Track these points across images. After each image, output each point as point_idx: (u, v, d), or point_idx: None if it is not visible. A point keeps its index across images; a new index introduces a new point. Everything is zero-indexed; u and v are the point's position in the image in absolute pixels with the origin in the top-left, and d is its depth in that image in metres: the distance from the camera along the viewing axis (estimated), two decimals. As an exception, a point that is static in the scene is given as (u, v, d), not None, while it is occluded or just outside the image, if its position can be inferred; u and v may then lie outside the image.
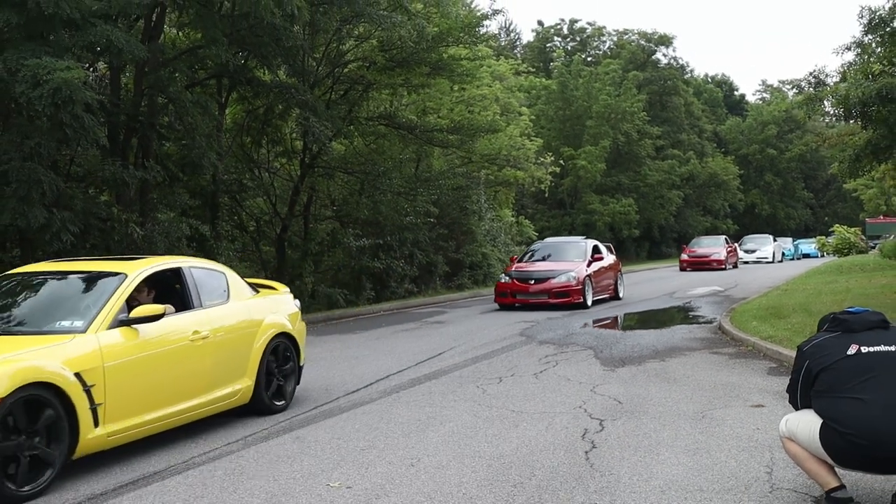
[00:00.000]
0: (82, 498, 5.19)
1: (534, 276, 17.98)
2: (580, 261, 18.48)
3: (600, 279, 18.83)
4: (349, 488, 5.21)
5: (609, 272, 19.61)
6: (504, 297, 17.97)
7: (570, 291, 17.43)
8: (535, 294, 17.59)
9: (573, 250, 19.42)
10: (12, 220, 12.52)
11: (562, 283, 17.55)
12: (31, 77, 10.68)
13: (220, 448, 6.35)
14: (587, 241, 19.99)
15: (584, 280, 17.68)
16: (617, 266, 20.38)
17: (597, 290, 18.49)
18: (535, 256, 19.99)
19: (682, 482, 5.18)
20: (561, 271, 17.83)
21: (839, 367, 4.55)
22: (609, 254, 20.43)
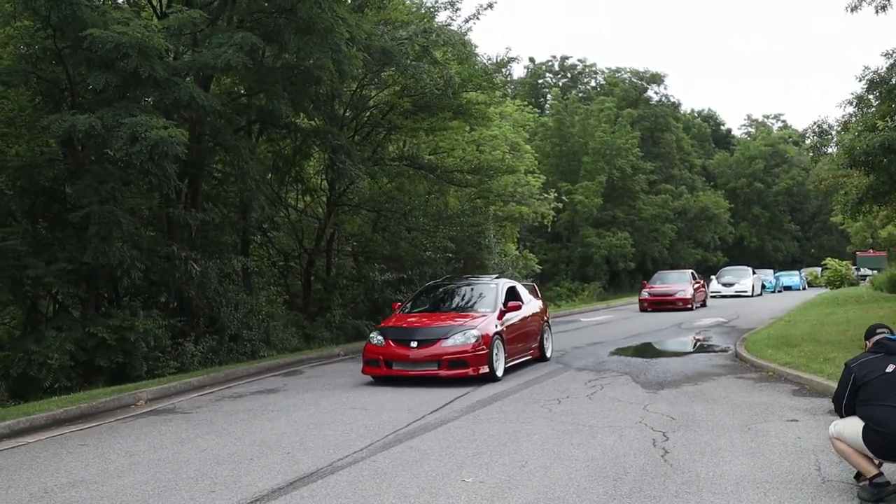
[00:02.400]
0: (259, 495, 6.39)
1: (417, 336, 12.36)
2: (488, 311, 13.15)
3: (517, 335, 13.57)
4: (482, 483, 6.45)
5: (531, 324, 14.46)
6: (374, 367, 12.41)
7: (468, 358, 11.93)
8: (418, 363, 12.07)
9: (479, 295, 14.06)
10: (94, 259, 13.72)
11: (457, 346, 12.00)
12: (129, 134, 11.91)
13: (350, 456, 7.55)
14: (499, 283, 14.40)
15: (491, 339, 12.25)
16: (542, 315, 15.33)
17: (512, 351, 13.24)
18: (426, 304, 14.35)
19: (750, 477, 6.44)
20: (457, 328, 12.32)
21: (879, 382, 5.85)
22: (532, 297, 15.49)
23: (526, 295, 15.07)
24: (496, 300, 13.57)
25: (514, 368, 13.48)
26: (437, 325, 12.66)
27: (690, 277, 31.70)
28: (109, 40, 11.97)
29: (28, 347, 13.42)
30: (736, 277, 41.08)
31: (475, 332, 12.18)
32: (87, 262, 14.08)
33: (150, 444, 8.36)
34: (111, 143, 12.28)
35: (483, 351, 12.08)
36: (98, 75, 12.36)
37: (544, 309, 15.87)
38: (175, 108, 13.60)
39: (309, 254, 22.48)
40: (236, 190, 18.87)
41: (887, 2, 12.73)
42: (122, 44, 12.02)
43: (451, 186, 26.12)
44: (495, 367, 12.31)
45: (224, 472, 7.03)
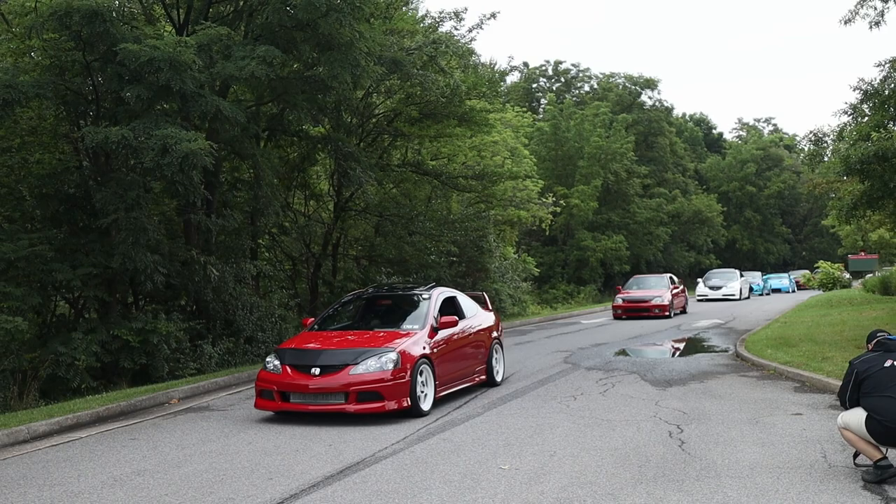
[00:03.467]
0: (314, 481, 6.96)
1: (320, 361, 9.91)
2: (415, 328, 10.71)
3: (454, 357, 11.07)
4: (517, 469, 7.04)
5: (474, 343, 11.87)
6: (268, 400, 9.94)
7: (383, 389, 9.51)
8: (319, 395, 9.63)
9: (408, 308, 11.63)
10: (122, 264, 14.27)
11: (369, 373, 9.58)
12: (160, 146, 12.47)
13: (389, 447, 8.14)
14: (434, 293, 11.65)
15: (415, 364, 9.88)
16: (492, 330, 12.66)
17: (447, 377, 10.75)
18: (342, 319, 12.09)
19: (763, 463, 7.05)
20: (371, 351, 9.85)
21: (879, 375, 6.47)
22: (480, 309, 12.84)
23: (470, 306, 12.50)
24: (427, 314, 10.95)
25: (466, 392, 11.51)
26: (347, 347, 10.08)
27: (669, 282, 29.43)
28: (143, 55, 12.53)
29: (56, 349, 13.94)
30: (723, 280, 40.45)
31: (393, 356, 9.68)
32: (112, 266, 14.64)
33: (198, 437, 8.93)
34: (142, 153, 12.82)
35: (403, 379, 9.58)
36: (131, 88, 12.91)
37: (496, 323, 13.05)
38: (202, 120, 14.14)
39: (316, 258, 23.05)
40: (244, 195, 19.45)
41: (881, 18, 13.44)
42: (155, 58, 12.57)
43: (453, 191, 26.76)
44: (419, 399, 9.78)
45: (275, 461, 7.60)
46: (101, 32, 12.88)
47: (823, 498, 5.99)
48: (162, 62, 12.63)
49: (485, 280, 29.26)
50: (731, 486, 6.34)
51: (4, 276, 13.82)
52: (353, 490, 6.56)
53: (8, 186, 15.41)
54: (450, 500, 6.20)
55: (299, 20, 14.50)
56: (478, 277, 28.83)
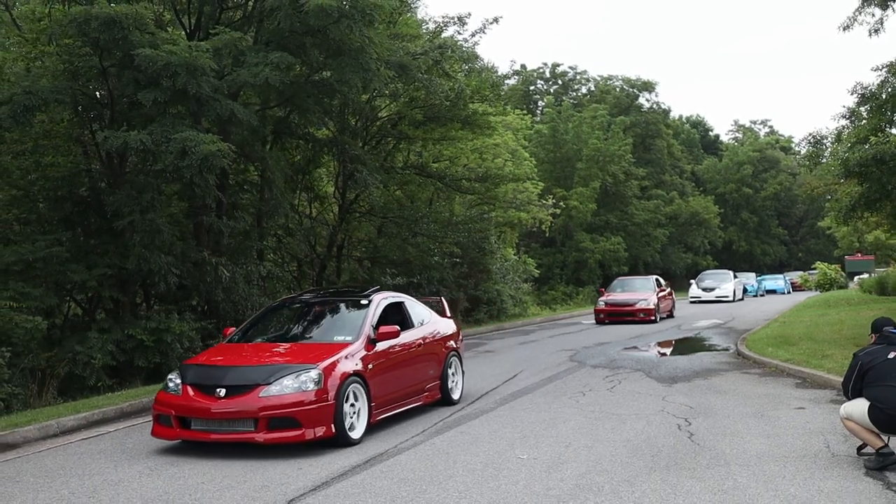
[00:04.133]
0: (344, 469, 7.29)
1: (227, 379, 8.37)
2: (349, 339, 9.15)
3: (397, 373, 9.60)
4: (535, 459, 7.39)
5: (424, 356, 10.36)
6: (165, 427, 8.40)
7: (300, 414, 8.03)
8: (223, 421, 8.10)
9: (342, 317, 10.05)
10: (137, 266, 14.59)
11: (284, 395, 8.07)
12: (178, 149, 12.80)
13: (410, 439, 8.48)
14: (375, 298, 10.06)
15: (342, 384, 8.36)
16: (448, 341, 11.14)
17: (387, 396, 9.28)
18: (267, 329, 10.18)
19: (769, 453, 7.40)
20: (288, 368, 8.39)
21: (882, 366, 6.82)
22: (435, 317, 11.26)
23: (422, 313, 10.96)
24: (363, 324, 9.37)
25: (421, 411, 10.10)
26: (261, 364, 8.61)
27: (655, 285, 27.82)
28: (160, 59, 12.85)
29: (73, 348, 14.25)
30: (716, 282, 39.99)
31: (314, 374, 8.15)
32: (126, 268, 14.96)
33: (223, 431, 9.25)
34: (160, 156, 13.14)
35: (325, 402, 8.06)
36: (147, 92, 13.23)
37: (455, 332, 11.55)
38: (217, 123, 14.46)
39: (321, 259, 23.39)
40: (249, 197, 19.78)
41: (880, 25, 13.81)
42: (172, 63, 12.90)
43: (456, 193, 27.11)
44: (346, 426, 8.24)
45: (301, 452, 7.93)
46: (119, 38, 13.18)
47: (828, 484, 6.33)
48: (179, 67, 12.94)
49: (486, 281, 29.62)
50: (741, 474, 6.69)
51: (23, 277, 14.14)
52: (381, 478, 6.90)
53: (24, 189, 15.69)
54: (475, 486, 6.53)
55: (310, 26, 14.84)
56: (480, 278, 29.19)
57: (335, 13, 13.99)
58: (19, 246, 14.20)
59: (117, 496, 6.63)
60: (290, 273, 23.58)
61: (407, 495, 6.35)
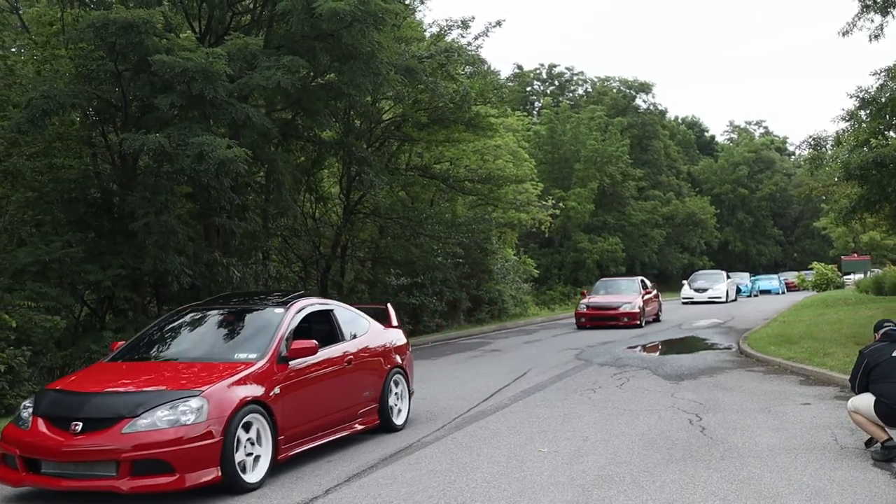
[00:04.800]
0: (372, 463, 7.58)
1: (86, 410, 6.69)
2: (252, 357, 7.48)
3: (318, 398, 7.99)
4: (556, 452, 7.68)
5: (356, 373, 8.73)
6: (10, 469, 6.78)
7: (174, 455, 6.38)
8: (80, 464, 6.49)
9: (249, 329, 8.27)
10: (153, 266, 14.85)
11: (156, 430, 6.44)
12: (196, 153, 13.07)
13: (430, 434, 8.78)
14: (292, 307, 8.34)
15: (233, 416, 6.73)
16: (391, 356, 9.51)
17: (302, 428, 7.63)
18: (158, 344, 8.37)
19: (780, 446, 7.71)
20: (166, 395, 6.74)
21: (886, 364, 7.14)
22: (376, 328, 9.57)
23: (357, 324, 9.27)
24: (273, 338, 7.67)
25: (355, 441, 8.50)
26: (131, 390, 6.89)
27: (640, 286, 26.44)
28: (177, 66, 13.12)
29: (88, 346, 14.52)
30: (709, 282, 39.35)
31: (196, 403, 6.56)
32: (139, 268, 15.22)
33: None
34: (177, 159, 13.41)
35: (211, 438, 6.49)
36: (165, 97, 13.50)
37: (402, 346, 9.94)
38: (231, 127, 14.73)
39: (326, 259, 23.67)
40: (255, 198, 20.05)
41: (881, 31, 14.14)
42: (189, 69, 13.17)
43: (459, 195, 27.41)
44: (237, 468, 6.66)
45: (327, 447, 8.20)
46: (136, 43, 13.45)
47: (838, 474, 6.64)
48: (196, 72, 13.22)
49: (488, 281, 29.95)
50: (754, 465, 6.99)
51: (40, 277, 14.41)
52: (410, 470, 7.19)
53: (38, 191, 15.93)
54: (501, 477, 6.83)
55: (322, 30, 15.12)
56: (481, 279, 29.51)
57: (348, 17, 14.26)
58: (35, 247, 14.47)
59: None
60: (295, 274, 23.87)
61: (438, 485, 6.64)
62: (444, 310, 26.63)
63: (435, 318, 25.91)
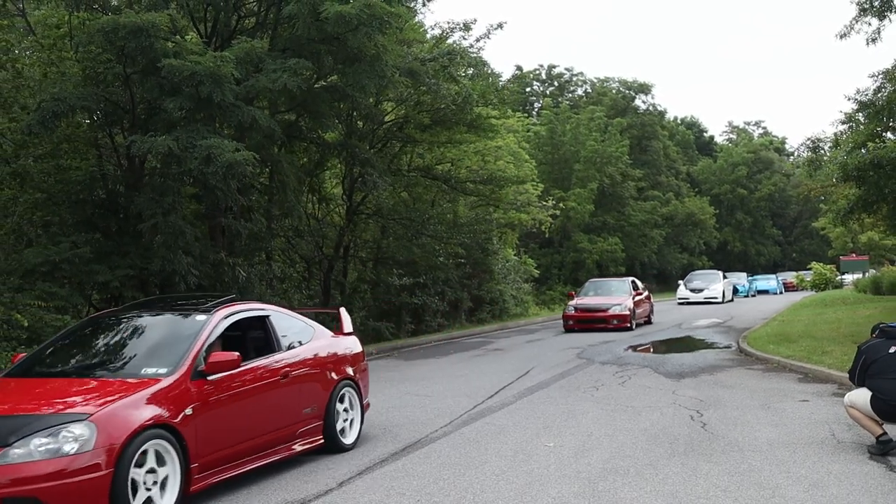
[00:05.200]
0: (384, 456, 7.80)
1: None
2: (161, 373, 6.52)
3: (241, 417, 6.98)
4: (562, 446, 7.91)
5: (295, 386, 7.76)
6: None
7: (52, 494, 5.36)
8: None
9: (164, 340, 7.14)
10: (161, 266, 15.07)
11: (33, 464, 5.43)
12: (203, 155, 13.28)
13: (439, 430, 8.99)
14: (215, 313, 7.37)
15: (131, 441, 5.76)
16: (340, 366, 8.55)
17: (223, 453, 6.69)
18: (62, 357, 7.32)
19: (778, 440, 7.93)
20: (42, 422, 5.70)
21: (883, 360, 7.37)
22: (322, 335, 8.63)
23: (300, 331, 8.31)
24: (189, 350, 6.76)
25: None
26: (7, 414, 5.90)
27: (630, 287, 25.47)
28: (186, 69, 13.34)
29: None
30: (705, 282, 39.00)
31: (79, 430, 5.62)
32: (147, 268, 15.44)
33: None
34: (185, 161, 13.62)
35: (98, 472, 5.55)
36: (174, 100, 13.72)
37: (355, 355, 8.99)
38: (238, 130, 14.95)
39: (329, 260, 23.88)
40: (259, 199, 20.26)
41: (878, 35, 14.36)
42: (197, 72, 13.38)
43: (461, 195, 27.64)
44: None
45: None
46: (146, 47, 13.66)
47: (836, 467, 6.86)
48: (204, 76, 13.43)
49: (489, 281, 30.19)
50: (755, 458, 7.22)
51: (49, 277, 14.61)
52: (420, 464, 7.42)
53: (46, 192, 16.14)
54: (510, 470, 7.06)
55: (327, 34, 15.33)
56: (483, 279, 29.76)
57: (353, 21, 14.49)
58: (44, 247, 14.68)
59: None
60: (299, 274, 24.08)
61: (449, 477, 6.86)
62: (446, 309, 26.88)
63: (437, 317, 26.14)
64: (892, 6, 13.83)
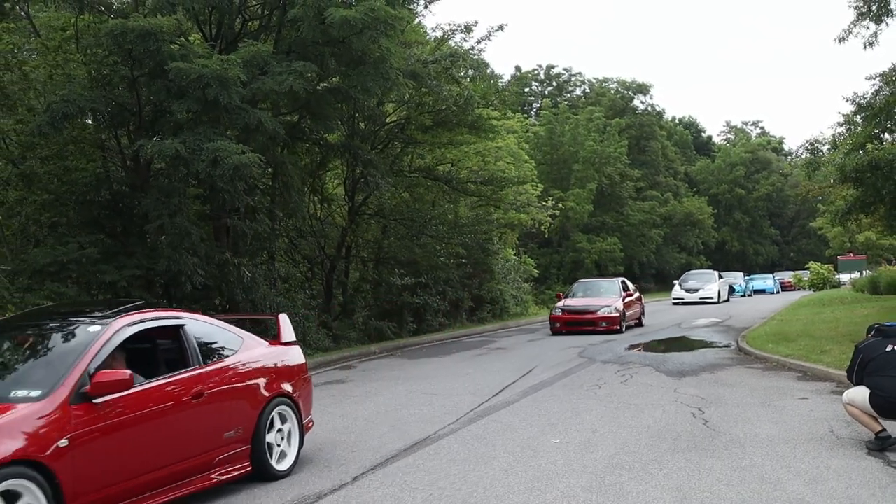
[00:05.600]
0: (394, 452, 8.00)
1: None
2: (31, 397, 5.47)
3: (139, 446, 5.94)
4: (567, 443, 8.11)
5: (204, 414, 6.62)
6: None
7: None
8: None
9: (45, 357, 6.10)
10: (168, 267, 15.25)
11: None
12: (210, 158, 13.47)
13: (446, 427, 9.20)
14: (110, 326, 6.20)
15: None
16: (275, 382, 7.49)
17: (108, 495, 5.60)
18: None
19: (779, 436, 8.13)
20: None
21: (881, 358, 7.57)
22: (247, 345, 7.46)
23: (218, 342, 7.19)
24: (70, 367, 5.73)
25: None
26: None
27: (620, 288, 24.51)
28: (193, 72, 13.53)
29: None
30: (700, 282, 38.62)
31: None
32: (152, 268, 15.63)
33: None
34: (192, 164, 13.81)
35: None
36: (181, 103, 13.90)
37: (293, 367, 7.87)
38: (244, 131, 15.13)
39: (331, 260, 24.07)
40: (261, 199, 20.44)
41: (875, 39, 14.59)
42: (204, 75, 13.57)
43: (462, 196, 27.84)
44: None
45: (350, 439, 8.64)
46: (154, 50, 13.85)
47: (835, 462, 7.07)
48: (211, 79, 13.62)
49: (490, 281, 30.42)
50: (756, 454, 7.42)
51: (57, 278, 14.80)
52: (430, 459, 7.61)
53: (53, 193, 16.31)
54: (518, 465, 7.26)
55: (332, 37, 15.53)
56: (483, 278, 29.98)
57: (359, 25, 14.68)
58: (52, 247, 14.87)
59: None
60: (302, 274, 24.27)
61: (459, 472, 7.06)
62: (447, 309, 27.09)
63: (438, 317, 26.35)
64: (889, 11, 14.06)
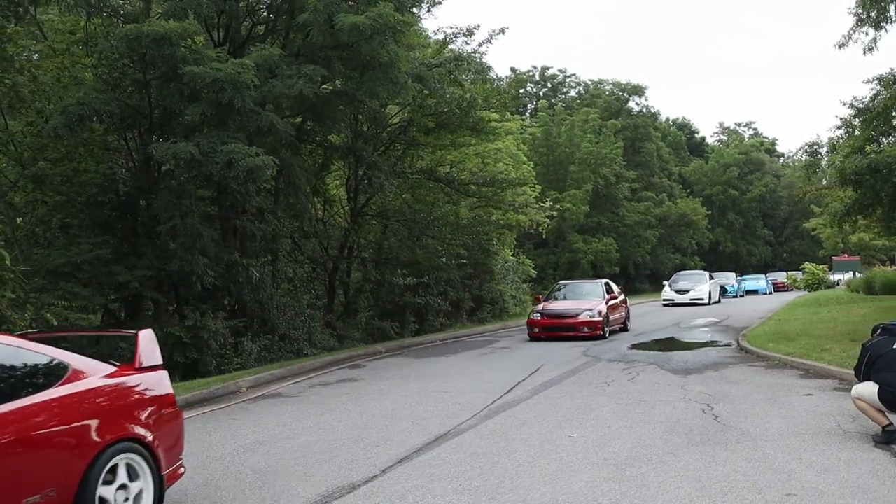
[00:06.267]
0: (416, 447, 8.26)
1: None
2: None
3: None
4: (584, 437, 8.39)
5: (11, 460, 4.78)
6: None
7: None
8: None
9: None
10: (180, 267, 15.49)
11: None
12: (224, 161, 13.71)
13: (465, 423, 9.46)
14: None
15: None
16: (110, 424, 5.52)
17: None
18: None
19: (788, 431, 8.43)
20: None
21: (889, 355, 7.88)
22: (78, 373, 5.54)
23: (35, 370, 5.42)
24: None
25: None
26: None
27: (604, 290, 23.10)
28: (207, 76, 13.78)
29: (118, 344, 15.14)
30: (690, 283, 38.06)
31: None
32: (163, 269, 15.87)
33: (291, 417, 10.22)
34: (207, 167, 14.05)
35: None
36: (195, 107, 14.15)
37: (151, 399, 6.09)
38: (257, 135, 15.38)
39: (334, 260, 24.32)
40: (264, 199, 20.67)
41: (874, 45, 14.91)
42: (218, 79, 13.82)
43: (463, 197, 28.10)
44: None
45: (373, 434, 8.90)
46: (167, 55, 14.09)
47: (844, 454, 7.37)
48: (226, 83, 13.87)
49: (490, 281, 30.71)
50: (768, 447, 7.72)
51: (72, 278, 15.03)
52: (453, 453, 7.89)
53: (65, 194, 16.53)
54: (540, 458, 7.53)
55: (341, 42, 15.79)
56: (483, 279, 30.28)
57: (368, 30, 14.94)
58: (66, 248, 15.09)
59: (226, 469, 7.46)
60: (306, 274, 24.50)
61: (484, 464, 7.34)
62: (448, 309, 27.37)
63: (439, 317, 26.64)
64: (888, 18, 14.39)
